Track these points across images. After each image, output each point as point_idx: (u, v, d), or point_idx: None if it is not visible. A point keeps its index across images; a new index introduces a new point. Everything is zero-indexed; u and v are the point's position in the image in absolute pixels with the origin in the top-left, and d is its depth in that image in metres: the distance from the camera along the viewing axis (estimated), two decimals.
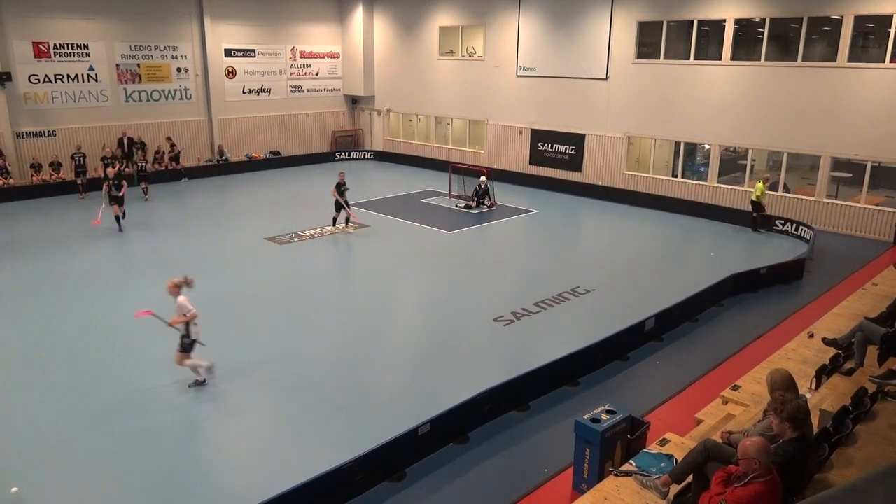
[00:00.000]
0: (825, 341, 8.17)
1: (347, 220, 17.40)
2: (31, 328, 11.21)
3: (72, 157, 21.97)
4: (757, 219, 17.43)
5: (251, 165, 26.46)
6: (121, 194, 16.76)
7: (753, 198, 17.30)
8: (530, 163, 24.35)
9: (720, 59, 19.12)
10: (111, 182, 16.77)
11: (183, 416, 8.46)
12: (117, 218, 16.81)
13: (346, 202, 17.18)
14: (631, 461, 5.85)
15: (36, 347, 10.47)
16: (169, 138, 24.44)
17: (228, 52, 26.24)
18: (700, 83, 19.64)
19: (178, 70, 25.01)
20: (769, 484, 4.31)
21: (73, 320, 11.52)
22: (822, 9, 17.16)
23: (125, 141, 23.52)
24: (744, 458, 4.35)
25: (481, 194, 20.43)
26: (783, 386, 5.36)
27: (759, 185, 17.06)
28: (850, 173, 18.35)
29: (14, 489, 7.02)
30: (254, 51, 26.92)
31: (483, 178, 20.62)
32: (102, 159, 20.81)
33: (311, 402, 8.91)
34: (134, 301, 12.33)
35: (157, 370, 9.69)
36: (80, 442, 7.93)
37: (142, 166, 21.50)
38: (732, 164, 20.78)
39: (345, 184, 17.20)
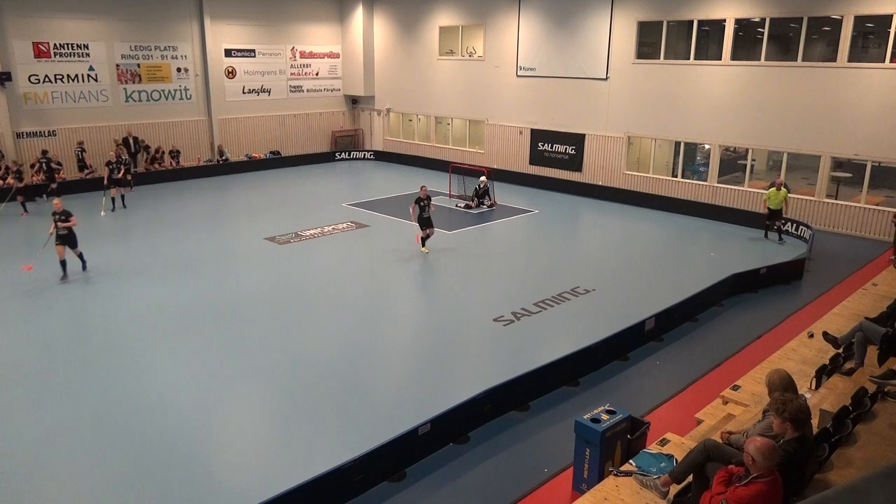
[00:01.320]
0: (826, 336, 8.18)
1: (424, 240, 15.36)
2: (30, 330, 11.20)
3: (75, 153, 22.05)
4: (770, 225, 16.66)
5: (251, 165, 26.46)
6: (68, 225, 13.23)
7: (775, 203, 16.14)
8: (530, 163, 24.36)
9: (720, 59, 19.13)
10: (57, 218, 13.24)
11: (183, 417, 8.45)
12: (63, 263, 13.26)
13: (423, 220, 15.09)
14: (631, 461, 5.85)
15: (36, 347, 10.47)
16: (137, 138, 24.13)
17: (228, 52, 26.24)
18: (700, 83, 19.64)
19: (178, 70, 25.01)
20: (771, 484, 4.32)
21: (71, 322, 11.52)
22: (822, 9, 17.16)
23: (130, 141, 23.53)
24: (745, 453, 4.37)
25: (481, 194, 20.43)
26: (783, 386, 5.36)
27: (772, 190, 16.14)
28: (850, 173, 18.35)
29: None
30: (254, 51, 26.93)
31: (483, 178, 20.62)
32: (108, 164, 19.51)
33: (311, 402, 8.91)
34: (134, 302, 12.34)
35: (154, 371, 9.70)
36: (81, 442, 7.93)
37: (126, 161, 21.43)
38: (732, 164, 20.79)
39: (427, 199, 15.23)
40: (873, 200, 17.50)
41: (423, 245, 15.47)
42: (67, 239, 13.32)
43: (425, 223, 15.28)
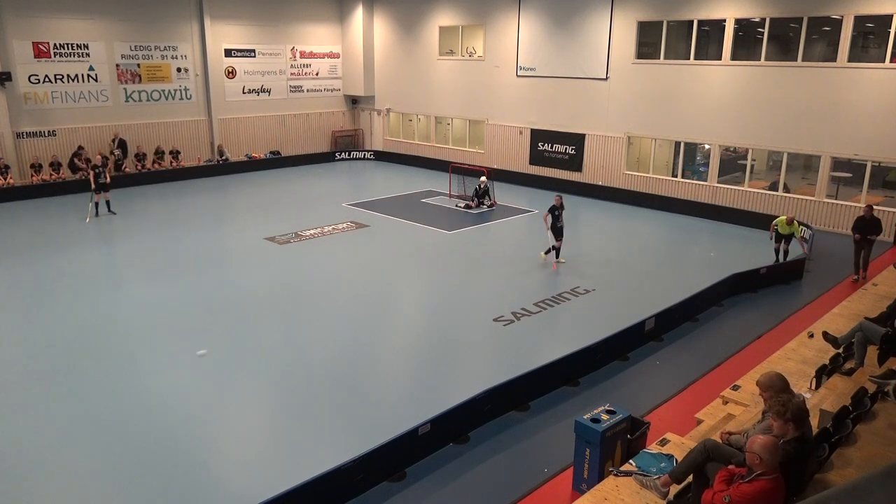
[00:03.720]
0: (826, 336, 8.18)
1: (557, 251, 14.68)
2: (29, 330, 11.20)
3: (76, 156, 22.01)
4: (777, 248, 14.84)
5: (251, 165, 26.46)
6: None
7: (784, 231, 14.59)
8: (530, 163, 24.35)
9: (720, 59, 19.13)
10: None
11: (183, 417, 8.45)
12: None
13: (556, 230, 14.43)
14: (631, 461, 5.84)
15: (35, 348, 10.47)
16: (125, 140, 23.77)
17: (228, 52, 26.24)
18: (700, 83, 19.64)
19: (178, 70, 25.01)
20: (775, 482, 4.33)
21: (72, 322, 11.51)
22: (822, 9, 17.16)
23: (116, 142, 23.39)
24: (749, 453, 4.39)
25: (481, 194, 20.42)
26: (780, 387, 5.35)
27: (781, 219, 14.60)
28: (850, 173, 18.36)
29: (201, 352, 9.84)
30: (254, 51, 26.93)
31: (483, 178, 20.62)
32: (93, 168, 18.64)
33: (311, 402, 8.91)
34: (134, 302, 12.34)
35: (154, 371, 9.70)
36: (80, 442, 7.93)
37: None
38: (732, 164, 20.79)
39: (561, 208, 14.50)
40: (873, 200, 17.49)
41: (547, 254, 14.85)
42: None
43: (558, 233, 14.56)
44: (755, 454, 4.34)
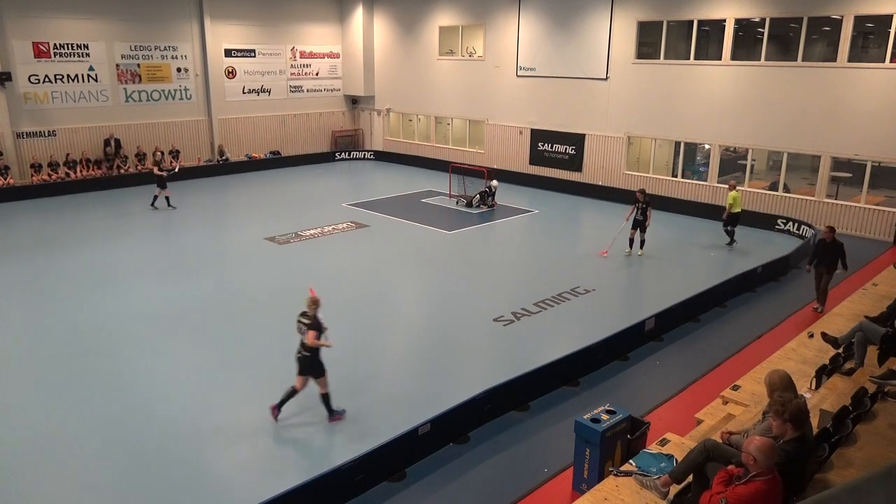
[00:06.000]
0: (824, 337, 8.18)
1: (642, 243, 15.35)
2: (29, 329, 11.20)
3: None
4: (731, 231, 16.02)
5: (251, 165, 26.45)
6: None
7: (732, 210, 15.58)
8: (530, 163, 24.36)
9: (720, 59, 19.13)
10: None
11: (182, 417, 8.45)
12: None
13: (636, 223, 15.09)
14: (631, 461, 5.84)
15: (35, 349, 10.46)
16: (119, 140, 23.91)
17: (228, 52, 26.24)
18: (700, 83, 19.64)
19: (178, 70, 25.00)
20: (770, 483, 4.32)
21: (71, 321, 11.50)
22: (822, 9, 17.16)
23: (112, 143, 23.39)
24: (745, 453, 4.40)
25: (490, 195, 20.31)
26: (783, 386, 5.36)
27: (734, 194, 15.60)
28: (850, 173, 18.37)
29: None
30: (254, 51, 26.93)
31: (495, 181, 20.50)
32: (156, 164, 19.78)
33: (311, 401, 8.89)
34: (134, 302, 12.34)
35: (154, 371, 9.69)
36: (80, 443, 7.92)
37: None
38: (732, 164, 20.79)
39: (641, 202, 14.93)
40: (873, 200, 17.51)
41: (641, 248, 15.40)
42: None
43: (636, 225, 15.14)
44: (749, 454, 4.36)
